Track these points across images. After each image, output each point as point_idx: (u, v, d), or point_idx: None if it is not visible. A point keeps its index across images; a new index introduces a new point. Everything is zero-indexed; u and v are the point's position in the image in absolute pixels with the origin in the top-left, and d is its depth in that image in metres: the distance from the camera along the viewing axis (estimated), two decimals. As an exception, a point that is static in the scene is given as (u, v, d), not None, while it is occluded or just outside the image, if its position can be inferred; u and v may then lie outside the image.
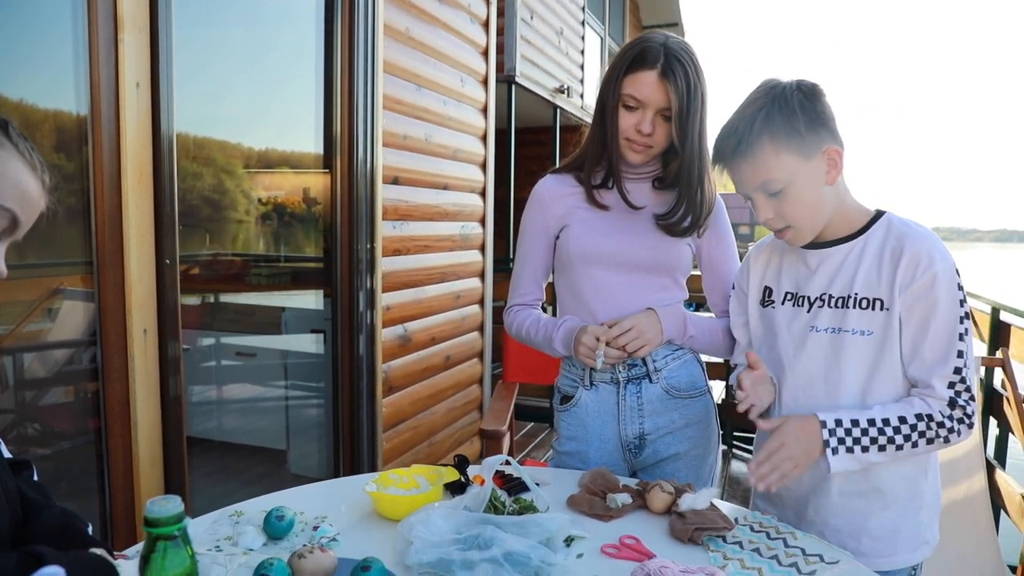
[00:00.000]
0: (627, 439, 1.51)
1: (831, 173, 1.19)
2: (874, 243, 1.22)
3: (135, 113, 1.70)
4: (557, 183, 1.55)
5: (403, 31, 2.80)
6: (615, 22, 7.25)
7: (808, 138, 1.16)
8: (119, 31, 1.65)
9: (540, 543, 0.97)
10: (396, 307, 2.90)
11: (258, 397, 3.32)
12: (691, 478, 1.49)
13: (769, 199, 1.19)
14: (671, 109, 1.36)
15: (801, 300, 1.29)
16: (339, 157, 2.58)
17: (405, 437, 3.06)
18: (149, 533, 0.68)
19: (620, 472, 1.51)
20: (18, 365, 1.88)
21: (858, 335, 1.21)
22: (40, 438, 1.88)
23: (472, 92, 3.46)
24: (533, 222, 1.57)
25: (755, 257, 1.40)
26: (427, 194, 3.10)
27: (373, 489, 1.16)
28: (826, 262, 1.26)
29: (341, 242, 2.63)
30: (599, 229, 1.48)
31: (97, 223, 1.67)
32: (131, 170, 1.70)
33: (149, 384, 1.79)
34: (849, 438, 1.15)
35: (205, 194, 2.48)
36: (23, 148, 0.85)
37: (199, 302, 2.85)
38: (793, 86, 1.18)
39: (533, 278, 1.61)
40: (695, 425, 1.52)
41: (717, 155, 1.23)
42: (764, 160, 1.16)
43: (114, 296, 1.71)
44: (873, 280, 1.20)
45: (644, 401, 1.49)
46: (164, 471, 1.85)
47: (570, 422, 1.55)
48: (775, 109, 1.15)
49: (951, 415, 1.15)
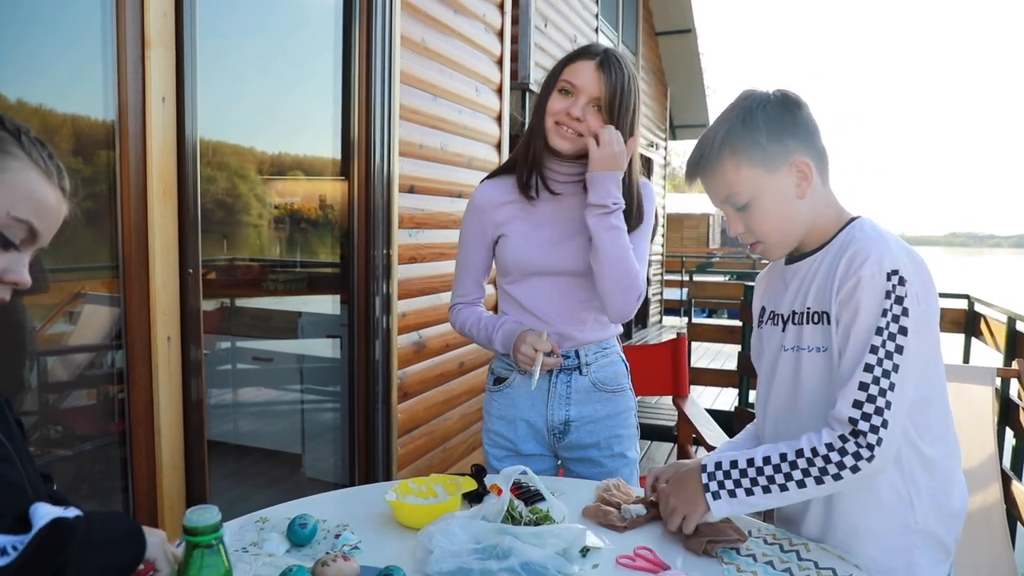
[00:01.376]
0: (553, 424, 1.63)
1: (801, 186, 1.14)
2: (831, 253, 1.15)
3: (161, 126, 1.74)
4: (494, 190, 1.65)
5: (419, 42, 2.84)
6: (628, 29, 7.27)
7: (771, 150, 1.12)
8: (146, 48, 1.69)
9: (557, 553, 1.00)
10: (411, 314, 2.94)
11: (274, 401, 3.36)
12: (614, 464, 1.63)
13: (738, 212, 1.18)
14: (603, 100, 1.46)
15: (777, 318, 1.25)
16: (356, 165, 2.62)
17: (420, 443, 3.09)
18: (188, 541, 0.71)
19: (542, 453, 1.66)
20: (41, 368, 1.92)
21: (813, 352, 1.14)
22: (62, 440, 1.92)
23: (487, 101, 3.49)
24: (471, 229, 1.68)
25: (760, 280, 1.40)
26: (442, 202, 3.13)
27: (393, 498, 1.19)
28: (795, 277, 1.21)
29: (358, 248, 2.67)
30: (535, 242, 1.58)
31: (124, 233, 1.71)
32: (156, 182, 1.74)
33: (172, 390, 1.83)
34: (729, 480, 1.10)
35: (225, 200, 2.52)
36: (37, 156, 0.84)
37: (218, 307, 2.89)
38: (766, 97, 1.15)
39: (473, 279, 1.71)
40: (615, 417, 1.65)
41: (687, 169, 1.23)
42: (725, 174, 1.15)
43: (139, 304, 1.75)
44: (824, 293, 1.12)
45: (572, 391, 1.62)
46: (185, 475, 1.89)
47: (501, 402, 1.67)
48: (738, 122, 1.14)
49: (842, 448, 1.03)
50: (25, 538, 0.74)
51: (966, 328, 3.72)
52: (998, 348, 3.16)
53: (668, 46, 8.61)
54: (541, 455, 1.67)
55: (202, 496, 1.94)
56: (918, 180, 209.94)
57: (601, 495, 1.31)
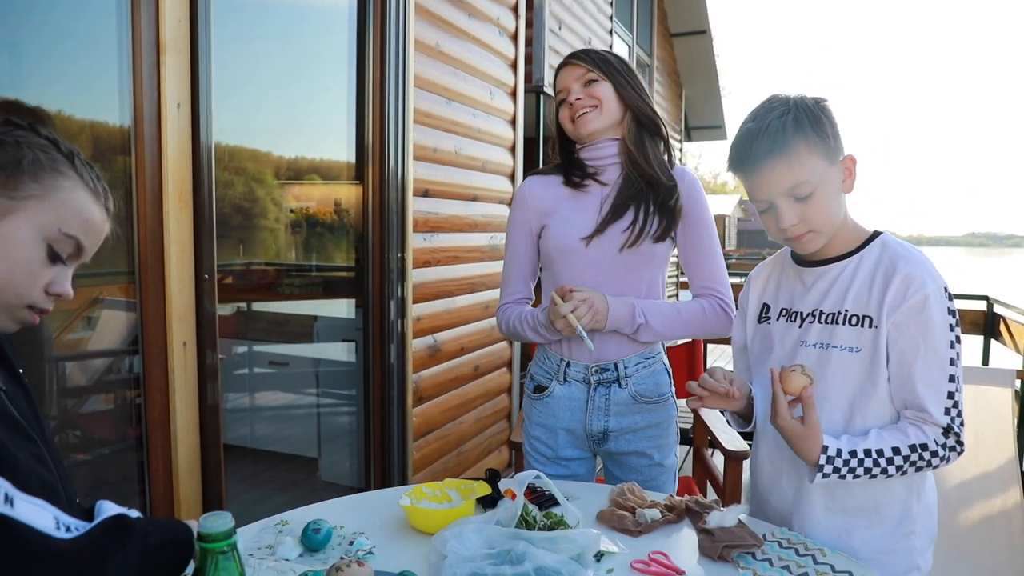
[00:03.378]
0: (592, 432, 1.62)
1: (847, 181, 1.22)
2: (868, 262, 1.23)
3: (176, 132, 1.75)
4: (537, 183, 1.68)
5: (433, 46, 2.85)
6: (643, 31, 7.25)
7: (832, 144, 1.19)
8: (161, 54, 1.71)
9: (571, 558, 0.99)
10: (426, 317, 2.94)
11: (291, 405, 3.37)
12: (652, 473, 1.62)
13: (795, 203, 1.19)
14: (589, 73, 1.56)
15: (794, 316, 1.31)
16: (371, 169, 2.63)
17: (435, 446, 3.09)
18: (202, 548, 0.72)
19: (582, 456, 1.65)
20: (60, 372, 1.94)
21: (846, 351, 1.22)
22: (80, 444, 1.94)
23: (501, 104, 3.49)
24: (516, 223, 1.69)
25: (755, 277, 1.44)
26: (457, 206, 3.13)
27: (407, 503, 1.19)
28: (821, 279, 1.27)
29: (372, 252, 2.67)
30: (577, 224, 1.58)
31: (140, 239, 1.73)
32: (172, 188, 1.75)
33: (188, 394, 1.84)
34: (845, 468, 1.16)
35: (241, 205, 2.54)
36: (88, 177, 0.90)
37: (234, 311, 2.91)
38: (809, 98, 1.21)
39: (520, 277, 1.70)
40: (656, 427, 1.63)
41: (742, 159, 1.22)
42: (800, 160, 1.17)
43: (155, 309, 1.76)
44: (864, 298, 1.21)
45: (611, 403, 1.60)
46: (202, 479, 1.90)
47: (541, 410, 1.66)
48: (802, 114, 1.18)
49: (944, 443, 1.15)
50: (89, 525, 0.80)
51: (985, 330, 3.67)
52: (1018, 350, 3.12)
53: (683, 48, 8.57)
54: (581, 458, 1.68)
55: (218, 500, 1.95)
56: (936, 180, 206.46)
57: (616, 499, 1.30)
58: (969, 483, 2.51)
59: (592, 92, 1.56)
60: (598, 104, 1.56)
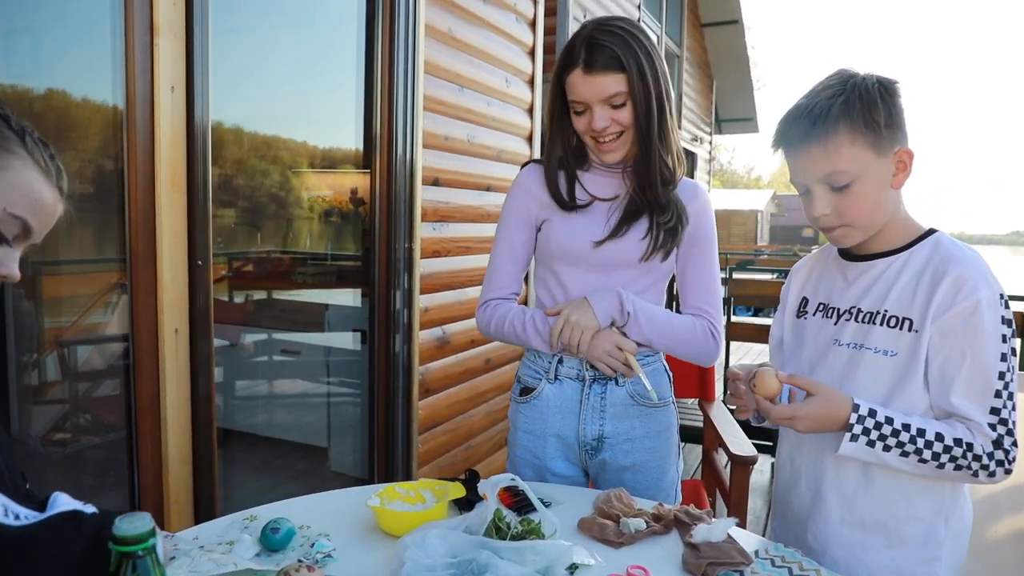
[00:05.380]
0: (584, 439, 1.48)
1: (899, 176, 1.12)
2: (916, 261, 1.13)
3: (169, 116, 1.72)
4: (542, 175, 1.51)
5: (446, 31, 2.78)
6: (672, 20, 7.10)
7: (884, 134, 1.09)
8: (155, 35, 1.67)
9: (537, 572, 0.93)
10: (435, 309, 2.89)
11: (301, 394, 3.36)
12: (650, 491, 1.47)
13: (831, 193, 1.11)
14: (615, 95, 1.33)
15: (831, 312, 1.23)
16: (378, 156, 2.58)
17: (442, 440, 3.04)
18: (116, 551, 0.67)
19: (571, 475, 1.51)
20: (73, 358, 1.93)
21: (880, 354, 1.13)
22: (69, 432, 1.92)
23: (518, 92, 3.42)
24: (515, 209, 1.52)
25: (798, 270, 1.36)
26: (469, 195, 3.07)
27: (376, 503, 1.13)
28: (864, 276, 1.19)
29: (379, 241, 2.63)
30: (584, 225, 1.45)
31: (131, 224, 1.70)
32: (165, 172, 1.72)
33: (179, 383, 1.81)
34: (876, 432, 1.07)
35: (241, 190, 2.51)
36: (39, 156, 0.87)
37: (242, 299, 2.89)
38: (873, 79, 1.10)
39: (513, 271, 1.54)
40: (655, 436, 1.49)
41: (782, 137, 1.15)
42: (838, 148, 1.08)
43: (146, 295, 1.73)
44: (907, 299, 1.12)
45: (607, 403, 1.47)
46: (193, 469, 1.88)
47: (528, 415, 1.52)
48: (855, 97, 1.08)
49: (992, 453, 1.06)
50: (39, 515, 0.80)
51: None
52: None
53: (714, 38, 8.39)
54: (569, 476, 1.52)
55: (211, 491, 1.92)
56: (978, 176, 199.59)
57: (600, 506, 1.23)
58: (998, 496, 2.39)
59: (620, 118, 1.35)
60: (624, 130, 1.37)
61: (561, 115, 1.44)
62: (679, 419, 1.59)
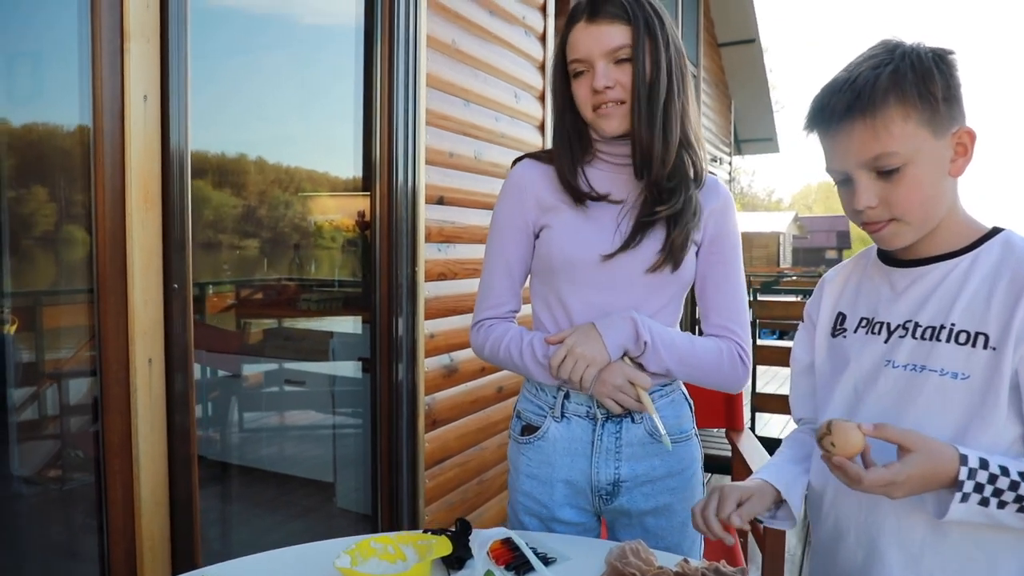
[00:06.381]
0: (598, 484, 1.28)
1: (958, 162, 0.95)
2: (985, 264, 0.95)
3: (142, 127, 1.58)
4: (538, 170, 1.33)
5: (449, 43, 2.66)
6: (688, 39, 6.98)
7: (943, 110, 0.92)
8: (125, 40, 1.54)
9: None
10: (441, 335, 2.73)
11: (305, 427, 3.21)
12: (675, 537, 1.28)
13: (877, 180, 0.94)
14: (619, 46, 1.18)
15: (878, 327, 1.03)
16: (378, 175, 2.44)
17: (451, 475, 2.86)
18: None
19: (582, 522, 1.32)
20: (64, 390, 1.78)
21: (947, 377, 0.94)
22: (30, 472, 1.77)
23: (528, 108, 3.28)
24: (508, 214, 1.33)
25: (830, 280, 1.16)
26: (477, 215, 2.92)
27: (346, 563, 0.96)
28: (918, 283, 1.00)
29: (380, 267, 2.48)
30: (589, 232, 1.26)
31: (97, 245, 1.56)
32: (136, 188, 1.58)
33: (154, 417, 1.66)
34: (990, 487, 0.86)
35: (227, 215, 2.38)
36: None
37: (236, 328, 2.75)
38: (925, 47, 0.93)
39: (509, 285, 1.35)
40: (678, 475, 1.30)
41: (819, 113, 0.97)
42: (888, 124, 0.91)
43: (115, 322, 1.59)
44: (979, 310, 0.93)
45: (623, 443, 1.27)
46: (170, 512, 1.72)
47: (532, 457, 1.32)
48: (906, 66, 0.92)
49: None
50: None
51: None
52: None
53: (731, 57, 8.26)
54: (582, 524, 1.34)
55: (189, 537, 1.75)
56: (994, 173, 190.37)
57: (613, 563, 1.04)
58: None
59: (623, 78, 1.19)
60: (627, 98, 1.20)
61: (565, 87, 1.28)
62: (703, 450, 1.39)
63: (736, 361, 1.28)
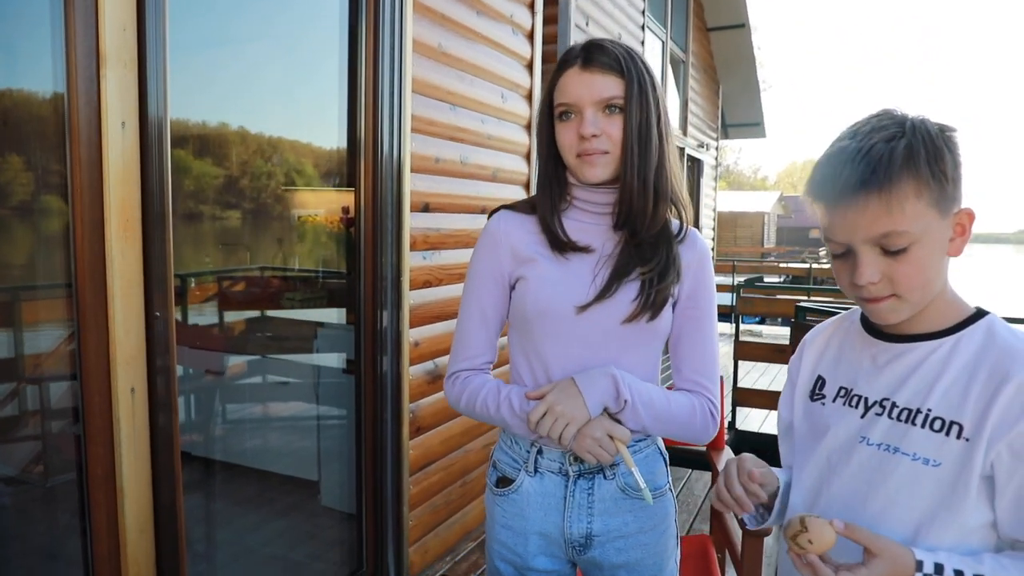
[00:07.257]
0: (571, 537, 1.30)
1: (956, 242, 0.94)
2: (967, 351, 0.94)
3: (120, 155, 1.55)
4: (515, 221, 1.32)
5: (435, 47, 2.61)
6: (677, 25, 6.91)
7: (949, 190, 0.90)
8: (101, 66, 1.50)
9: None
10: (426, 342, 2.72)
11: (291, 426, 3.20)
12: None
13: (882, 256, 0.92)
14: (609, 96, 1.18)
15: (856, 400, 1.03)
16: (362, 183, 2.41)
17: (435, 479, 2.88)
18: None
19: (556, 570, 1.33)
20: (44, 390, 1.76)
21: (919, 462, 0.94)
22: (13, 502, 1.76)
23: (515, 107, 3.24)
24: (485, 266, 1.32)
25: (811, 342, 1.16)
26: (463, 219, 2.90)
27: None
28: (899, 360, 0.99)
29: (365, 275, 2.46)
30: (566, 284, 1.25)
31: (77, 276, 1.53)
32: (115, 217, 1.55)
33: (138, 446, 1.65)
34: None
35: (204, 223, 2.34)
36: None
37: (217, 323, 2.72)
38: (932, 123, 0.92)
39: (485, 337, 1.34)
40: (650, 531, 1.30)
41: (827, 184, 0.93)
42: (902, 202, 0.88)
43: (96, 353, 1.57)
44: (955, 399, 0.93)
45: (595, 499, 1.28)
46: (156, 539, 1.71)
47: (507, 509, 1.33)
48: (918, 142, 0.89)
49: None
50: None
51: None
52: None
53: (720, 42, 8.19)
54: (556, 570, 1.35)
55: (175, 563, 1.75)
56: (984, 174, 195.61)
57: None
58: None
59: (611, 128, 1.19)
60: (613, 149, 1.20)
61: (551, 133, 1.26)
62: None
63: (707, 417, 1.28)
